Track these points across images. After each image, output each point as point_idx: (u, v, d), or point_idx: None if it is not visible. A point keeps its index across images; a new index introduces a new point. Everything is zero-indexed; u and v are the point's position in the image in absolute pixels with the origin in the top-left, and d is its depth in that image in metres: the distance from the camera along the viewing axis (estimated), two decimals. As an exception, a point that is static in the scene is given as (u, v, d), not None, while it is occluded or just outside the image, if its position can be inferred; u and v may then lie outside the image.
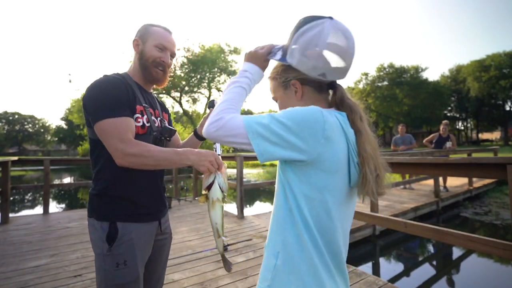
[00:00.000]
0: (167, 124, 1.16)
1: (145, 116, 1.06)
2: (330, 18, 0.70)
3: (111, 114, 0.94)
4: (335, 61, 0.69)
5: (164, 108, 1.26)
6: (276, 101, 0.82)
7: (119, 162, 0.93)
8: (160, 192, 1.15)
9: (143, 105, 1.07)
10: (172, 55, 1.15)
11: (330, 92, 0.78)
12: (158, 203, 1.12)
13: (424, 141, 6.62)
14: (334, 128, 0.65)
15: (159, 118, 1.14)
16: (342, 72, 0.72)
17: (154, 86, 1.18)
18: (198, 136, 1.28)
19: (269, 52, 0.78)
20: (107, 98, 0.96)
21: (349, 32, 0.70)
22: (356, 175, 0.69)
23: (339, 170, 0.66)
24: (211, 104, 1.21)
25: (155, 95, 1.24)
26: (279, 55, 0.76)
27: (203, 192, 0.96)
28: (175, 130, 1.20)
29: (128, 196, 1.02)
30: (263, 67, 0.79)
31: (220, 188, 0.94)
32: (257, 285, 0.72)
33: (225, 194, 0.95)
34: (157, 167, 0.96)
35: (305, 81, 0.74)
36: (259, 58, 0.78)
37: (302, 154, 0.63)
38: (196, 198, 6.16)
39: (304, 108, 0.64)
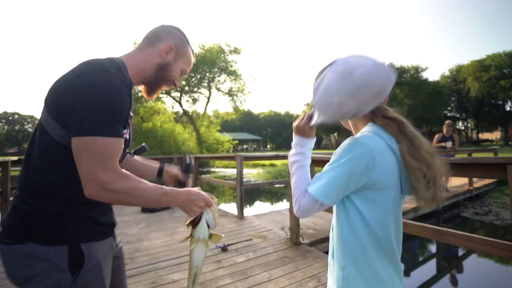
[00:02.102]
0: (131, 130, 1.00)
1: (129, 129, 0.92)
2: (331, 64, 0.77)
3: (107, 132, 0.73)
4: (354, 98, 0.72)
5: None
6: None
7: (90, 194, 0.72)
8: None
9: (131, 115, 0.90)
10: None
11: None
12: (112, 214, 0.96)
13: (434, 145, 6.46)
14: (382, 152, 0.73)
15: (131, 127, 0.97)
16: (373, 99, 0.74)
17: (142, 94, 1.03)
18: (160, 174, 1.18)
19: (308, 120, 0.86)
20: (109, 112, 0.74)
21: (352, 67, 0.72)
22: (407, 183, 0.76)
23: (391, 185, 0.74)
24: (186, 169, 1.19)
25: None
26: (314, 119, 0.84)
27: (186, 224, 0.86)
28: (147, 149, 1.11)
29: (89, 214, 0.83)
30: (311, 133, 0.88)
31: (208, 225, 0.84)
32: None
33: (213, 230, 0.87)
34: (138, 206, 0.88)
35: None
36: (303, 129, 0.87)
37: (361, 182, 0.73)
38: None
39: (349, 144, 0.74)
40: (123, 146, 0.79)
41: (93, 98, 0.72)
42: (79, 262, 0.77)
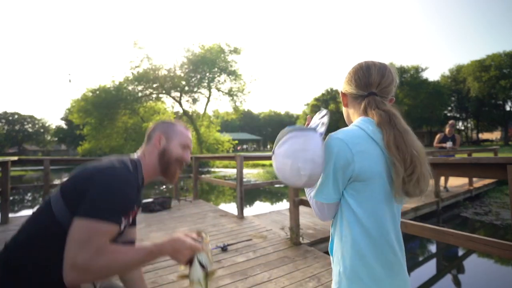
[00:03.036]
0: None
1: (128, 219, 0.97)
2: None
3: (102, 215, 0.79)
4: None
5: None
6: None
7: (68, 280, 0.72)
8: None
9: (135, 209, 1.02)
10: (190, 151, 1.16)
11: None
12: None
13: (435, 145, 6.44)
14: (358, 143, 0.76)
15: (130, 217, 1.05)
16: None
17: (163, 181, 1.12)
18: None
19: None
20: (114, 201, 0.83)
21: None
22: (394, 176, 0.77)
23: (377, 175, 0.75)
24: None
25: None
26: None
27: (181, 267, 0.86)
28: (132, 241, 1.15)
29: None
30: None
31: (202, 265, 0.83)
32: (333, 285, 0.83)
33: (209, 270, 0.85)
34: (126, 271, 0.87)
35: (344, 94, 0.94)
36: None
37: (346, 176, 0.76)
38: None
39: (327, 143, 0.79)
40: (115, 231, 0.83)
41: (107, 190, 0.83)
42: None
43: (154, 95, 25.70)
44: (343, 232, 0.79)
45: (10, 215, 4.32)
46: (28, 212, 6.92)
